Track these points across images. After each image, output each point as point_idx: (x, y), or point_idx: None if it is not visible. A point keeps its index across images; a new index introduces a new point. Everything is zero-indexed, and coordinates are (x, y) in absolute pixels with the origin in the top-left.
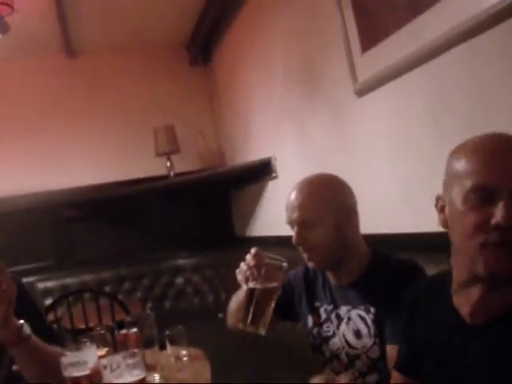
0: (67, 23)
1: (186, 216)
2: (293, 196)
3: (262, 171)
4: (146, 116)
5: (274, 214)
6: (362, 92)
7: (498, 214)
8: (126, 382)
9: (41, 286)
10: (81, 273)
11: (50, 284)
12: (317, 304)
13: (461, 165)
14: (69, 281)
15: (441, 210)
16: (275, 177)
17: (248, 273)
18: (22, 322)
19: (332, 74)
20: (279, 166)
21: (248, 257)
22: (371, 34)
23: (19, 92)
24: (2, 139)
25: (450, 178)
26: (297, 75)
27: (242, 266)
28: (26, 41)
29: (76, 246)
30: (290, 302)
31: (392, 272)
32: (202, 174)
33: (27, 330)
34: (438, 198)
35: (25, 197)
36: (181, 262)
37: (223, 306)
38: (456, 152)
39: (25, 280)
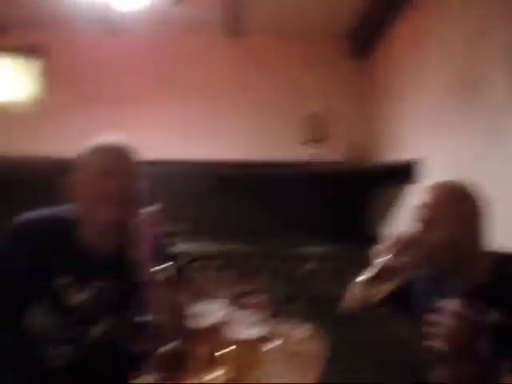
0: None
1: (320, 206)
2: (425, 194)
3: (406, 173)
4: (296, 101)
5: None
6: None
7: None
8: (247, 337)
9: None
10: (208, 243)
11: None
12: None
13: None
14: (196, 248)
15: None
16: (419, 180)
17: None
18: (167, 264)
19: (493, 87)
20: (424, 170)
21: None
22: None
23: (190, 64)
24: (170, 106)
25: None
26: (456, 83)
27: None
28: (194, 20)
29: (208, 217)
30: (406, 295)
31: None
32: (344, 166)
33: (164, 273)
34: None
35: (173, 163)
36: (309, 249)
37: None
38: None
39: None
